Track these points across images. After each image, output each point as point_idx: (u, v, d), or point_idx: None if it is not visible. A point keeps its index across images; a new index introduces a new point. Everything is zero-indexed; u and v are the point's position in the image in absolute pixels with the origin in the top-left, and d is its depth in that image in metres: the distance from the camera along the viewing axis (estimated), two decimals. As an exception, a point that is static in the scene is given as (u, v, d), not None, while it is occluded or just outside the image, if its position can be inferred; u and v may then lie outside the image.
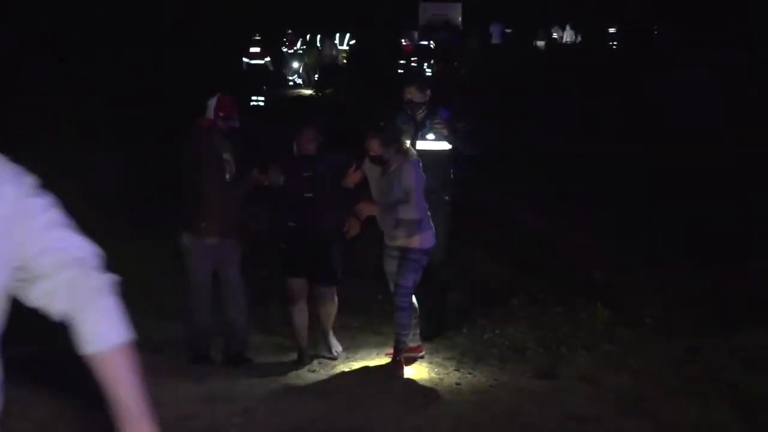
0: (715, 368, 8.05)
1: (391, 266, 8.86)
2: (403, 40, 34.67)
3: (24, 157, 2.78)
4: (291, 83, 33.19)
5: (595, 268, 11.81)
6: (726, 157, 17.77)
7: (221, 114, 8.10)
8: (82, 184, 12.40)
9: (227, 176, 8.39)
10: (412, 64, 30.52)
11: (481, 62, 34.39)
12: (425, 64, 30.95)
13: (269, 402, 7.75)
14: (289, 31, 35.21)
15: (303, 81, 34.06)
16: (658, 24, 47.66)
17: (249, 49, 28.90)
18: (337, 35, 35.45)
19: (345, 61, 35.04)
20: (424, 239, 8.67)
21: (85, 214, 4.72)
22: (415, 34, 36.32)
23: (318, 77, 34.02)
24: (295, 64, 34.12)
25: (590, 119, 22.05)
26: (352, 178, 8.54)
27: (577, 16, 46.35)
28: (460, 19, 38.77)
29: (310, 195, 8.45)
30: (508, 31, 42.75)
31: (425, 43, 34.92)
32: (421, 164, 8.67)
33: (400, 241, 8.69)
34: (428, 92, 9.67)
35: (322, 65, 34.28)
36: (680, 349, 9.22)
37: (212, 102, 8.61)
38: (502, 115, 21.40)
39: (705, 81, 25.94)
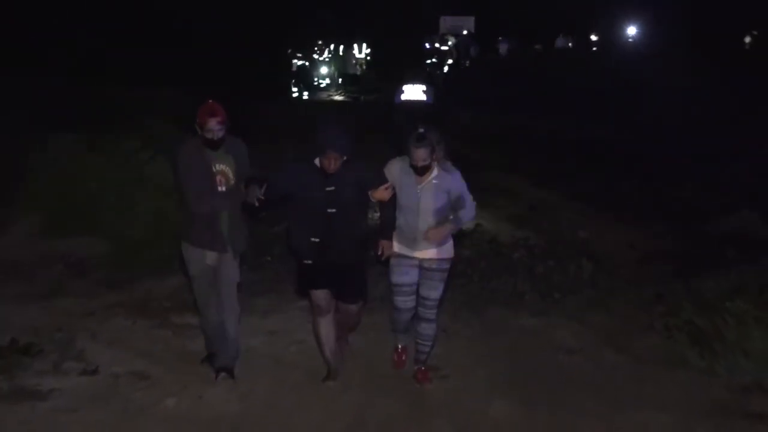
0: (676, 309, 8.00)
1: (409, 276, 6.71)
2: (426, 44, 34.90)
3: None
4: (321, 85, 33.34)
5: (581, 228, 11.77)
6: (689, 140, 17.75)
7: (198, 121, 6.29)
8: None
9: (222, 188, 6.41)
10: (433, 60, 30.52)
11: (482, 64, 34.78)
12: (444, 63, 31.52)
13: None
14: (320, 42, 35.36)
15: (331, 83, 34.28)
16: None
17: (296, 54, 29.96)
18: (356, 46, 35.84)
19: (362, 67, 35.57)
20: (452, 248, 6.84)
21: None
22: (436, 40, 36.60)
23: (341, 81, 34.53)
24: (324, 69, 34.37)
25: (575, 108, 21.94)
26: (383, 195, 6.52)
27: (571, 27, 46.25)
28: (473, 30, 39.10)
29: (332, 210, 6.31)
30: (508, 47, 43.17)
31: (446, 48, 35.35)
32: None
33: (429, 253, 6.67)
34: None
35: (344, 71, 34.93)
36: (649, 294, 9.18)
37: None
38: (499, 105, 21.36)
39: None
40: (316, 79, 33.33)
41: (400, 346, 7.21)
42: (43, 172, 10.35)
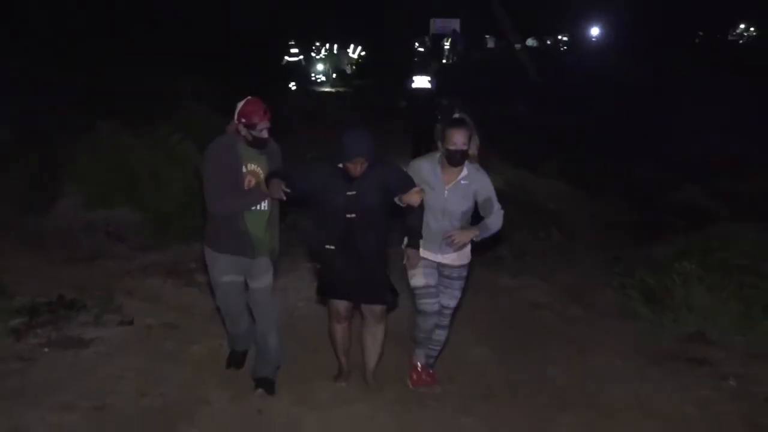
0: (631, 270, 8.01)
1: (433, 278, 5.63)
2: (416, 44, 35.10)
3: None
4: (316, 80, 33.46)
5: (551, 202, 11.80)
6: (644, 126, 17.85)
7: (243, 121, 5.22)
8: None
9: (249, 187, 5.36)
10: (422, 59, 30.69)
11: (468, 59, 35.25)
12: (435, 59, 31.81)
13: None
14: (317, 43, 35.66)
15: (326, 79, 34.44)
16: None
17: (290, 51, 30.02)
18: (352, 46, 36.28)
19: (354, 66, 36.11)
20: (470, 252, 5.78)
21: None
22: (427, 39, 36.92)
23: (335, 76, 34.88)
24: (320, 66, 34.52)
25: (544, 97, 22.00)
26: (415, 199, 5.31)
27: (541, 28, 46.51)
28: (459, 30, 39.34)
29: (352, 215, 5.27)
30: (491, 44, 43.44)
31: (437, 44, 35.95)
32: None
33: (450, 258, 5.64)
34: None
35: (337, 68, 35.41)
36: (608, 257, 9.21)
37: (238, 106, 5.42)
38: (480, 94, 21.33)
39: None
40: (312, 75, 33.49)
41: (419, 365, 5.93)
42: (88, 152, 10.38)
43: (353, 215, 5.26)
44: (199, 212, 8.29)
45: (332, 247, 5.36)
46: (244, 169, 5.31)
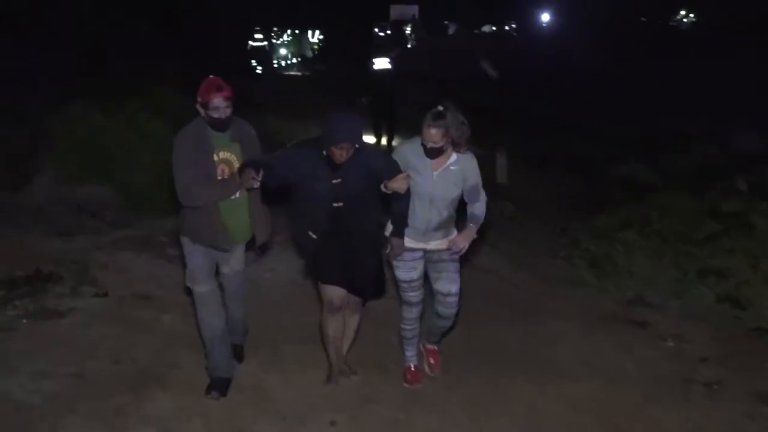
0: (577, 239, 8.09)
1: (417, 271, 5.13)
2: (376, 29, 35.05)
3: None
4: (280, 64, 33.55)
5: (504, 176, 11.90)
6: (590, 106, 18.04)
7: (199, 100, 4.64)
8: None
9: (221, 178, 4.76)
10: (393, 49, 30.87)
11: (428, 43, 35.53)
12: (396, 43, 32.17)
13: (293, 262, 7.11)
14: (275, 29, 35.63)
15: (289, 63, 34.60)
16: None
17: (254, 36, 30.16)
18: (309, 32, 36.47)
19: (314, 50, 36.31)
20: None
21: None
22: (387, 25, 36.91)
23: (298, 60, 35.15)
24: (282, 51, 34.60)
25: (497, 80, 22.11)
26: (401, 185, 4.71)
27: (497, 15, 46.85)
28: (417, 16, 39.60)
29: (339, 204, 4.75)
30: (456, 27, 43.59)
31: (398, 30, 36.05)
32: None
33: (436, 244, 5.09)
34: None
35: (300, 53, 35.63)
36: (555, 227, 9.31)
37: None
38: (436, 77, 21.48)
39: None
40: (275, 60, 33.47)
41: (412, 366, 5.41)
42: (62, 132, 10.29)
43: (340, 204, 4.73)
44: (168, 187, 8.28)
45: (314, 236, 4.84)
46: (215, 158, 4.72)
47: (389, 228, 5.08)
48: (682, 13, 50.22)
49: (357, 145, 4.61)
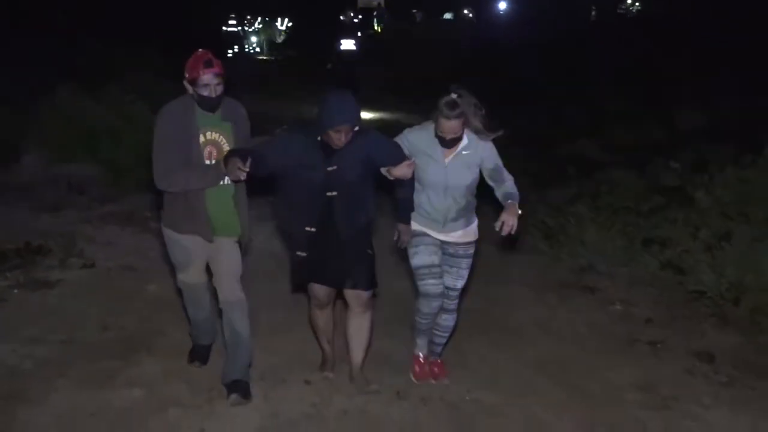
0: (532, 212, 8.11)
1: (437, 256, 4.49)
2: (341, 17, 35.13)
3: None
4: (252, 49, 33.51)
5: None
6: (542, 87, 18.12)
7: (186, 77, 3.99)
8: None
9: (209, 161, 4.07)
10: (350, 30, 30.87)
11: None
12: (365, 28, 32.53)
13: (266, 231, 6.95)
14: (249, 17, 35.57)
15: (260, 48, 34.55)
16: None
17: (228, 22, 30.22)
18: (279, 19, 36.51)
19: (283, 37, 36.27)
20: (477, 229, 4.66)
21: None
22: (351, 14, 37.18)
23: (268, 46, 35.23)
24: (254, 38, 34.52)
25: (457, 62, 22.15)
26: (405, 172, 4.23)
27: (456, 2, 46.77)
28: (383, 4, 39.83)
29: (333, 193, 4.15)
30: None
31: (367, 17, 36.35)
32: None
33: (455, 235, 4.49)
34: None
35: (270, 39, 35.65)
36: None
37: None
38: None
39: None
40: (247, 46, 33.36)
41: (421, 355, 4.84)
42: (50, 113, 10.26)
43: (334, 193, 4.14)
44: (150, 165, 8.24)
45: (312, 230, 4.22)
46: (201, 138, 4.06)
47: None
48: (629, 1, 50.41)
49: (356, 128, 4.06)
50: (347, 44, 15.84)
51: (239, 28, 31.65)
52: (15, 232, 6.92)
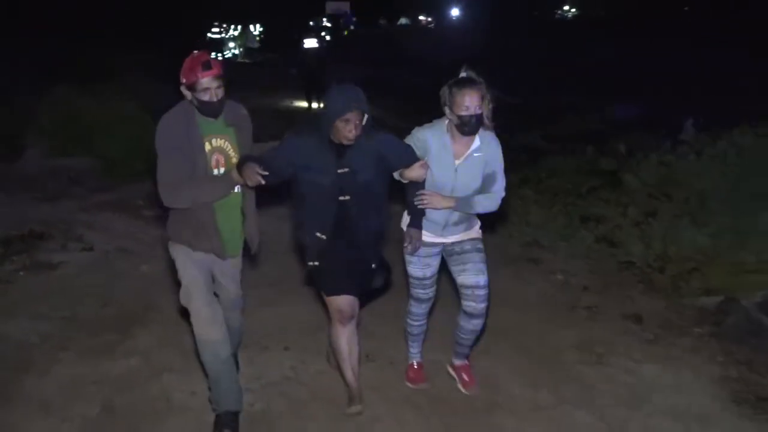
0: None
1: (433, 268, 3.95)
2: (311, 23, 35.09)
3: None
4: (229, 55, 33.35)
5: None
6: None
7: (184, 82, 3.35)
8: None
9: (217, 171, 3.48)
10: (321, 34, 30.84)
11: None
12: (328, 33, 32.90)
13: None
14: (224, 25, 35.51)
15: (238, 53, 34.45)
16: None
17: (212, 30, 30.24)
18: (251, 26, 36.59)
19: (258, 42, 36.36)
20: (479, 230, 4.04)
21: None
22: (322, 20, 37.29)
23: (244, 51, 35.28)
24: (231, 43, 34.36)
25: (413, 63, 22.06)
26: (420, 174, 3.63)
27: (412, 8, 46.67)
28: (349, 10, 40.12)
29: (346, 198, 3.57)
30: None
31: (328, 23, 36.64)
32: None
33: (457, 237, 3.89)
34: None
35: (245, 45, 35.70)
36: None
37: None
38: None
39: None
40: (225, 51, 33.15)
41: (416, 363, 4.28)
42: (50, 110, 10.14)
43: (347, 197, 3.55)
44: (140, 157, 8.21)
45: (323, 237, 3.61)
46: (207, 146, 3.41)
47: (405, 220, 3.89)
48: (566, 7, 50.61)
49: (365, 115, 3.46)
50: (310, 43, 16.46)
51: (222, 34, 31.37)
52: (18, 220, 6.82)
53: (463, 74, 3.64)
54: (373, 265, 3.76)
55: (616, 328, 5.28)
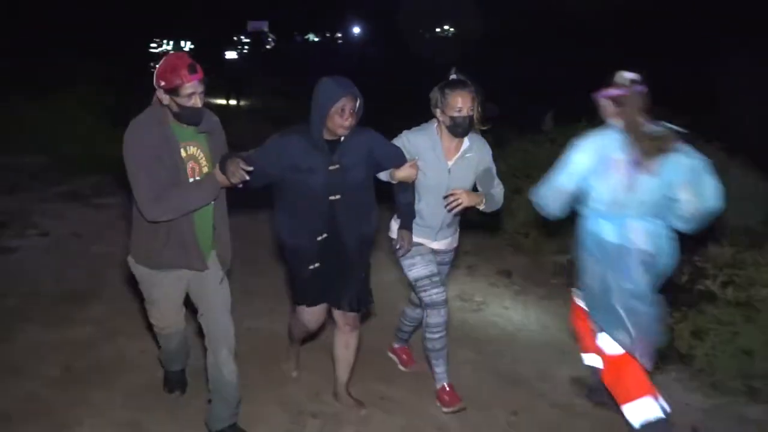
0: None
1: (434, 264, 3.31)
2: (235, 38, 34.47)
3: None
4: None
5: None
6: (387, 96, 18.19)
7: (162, 84, 2.55)
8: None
9: (192, 180, 2.71)
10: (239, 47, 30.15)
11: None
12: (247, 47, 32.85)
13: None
14: (156, 40, 34.46)
15: None
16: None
17: (151, 45, 29.58)
18: (182, 42, 36.03)
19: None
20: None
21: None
22: (243, 37, 36.85)
23: None
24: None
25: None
26: (410, 174, 3.04)
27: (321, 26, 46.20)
28: (267, 29, 39.95)
29: (337, 197, 2.89)
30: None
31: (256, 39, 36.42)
32: None
33: (445, 243, 3.41)
34: None
35: None
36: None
37: (157, 68, 2.63)
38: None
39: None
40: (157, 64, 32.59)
41: (446, 384, 3.40)
42: (7, 118, 9.53)
43: (337, 197, 2.90)
44: (88, 152, 7.89)
45: (322, 237, 2.96)
46: (182, 153, 2.70)
47: (394, 228, 3.34)
48: (446, 27, 51.03)
49: (358, 101, 2.83)
50: (231, 54, 17.60)
51: (160, 48, 30.14)
52: (-22, 211, 6.41)
53: (453, 76, 3.17)
54: (351, 277, 3.06)
55: (490, 282, 5.47)
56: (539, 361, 4.07)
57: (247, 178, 2.61)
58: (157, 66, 2.64)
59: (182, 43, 35.31)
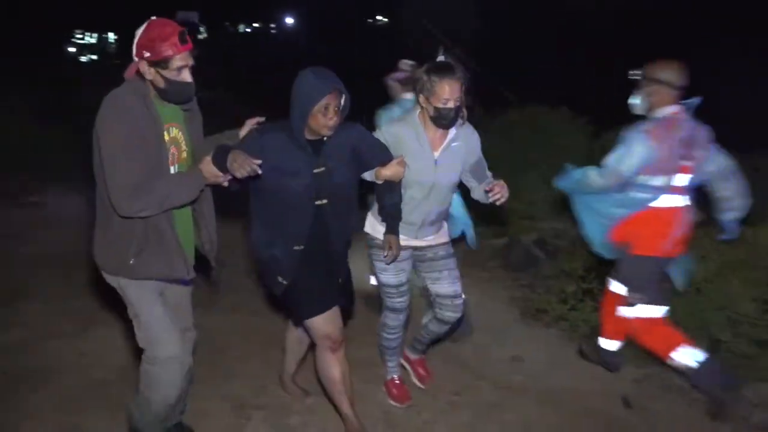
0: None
1: (406, 273, 3.09)
2: None
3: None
4: (86, 60, 31.68)
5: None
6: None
7: (147, 55, 2.10)
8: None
9: (173, 168, 2.26)
10: None
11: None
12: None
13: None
14: (80, 32, 33.55)
15: (97, 57, 32.87)
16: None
17: (74, 35, 28.74)
18: (110, 34, 35.36)
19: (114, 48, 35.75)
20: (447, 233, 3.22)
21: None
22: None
23: (100, 57, 34.02)
24: (85, 50, 32.73)
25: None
26: (398, 172, 2.70)
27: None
28: (197, 20, 39.21)
29: (323, 201, 2.53)
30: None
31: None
32: None
33: (429, 240, 3.07)
34: None
35: (104, 50, 34.47)
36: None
37: (137, 35, 2.16)
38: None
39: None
40: (86, 56, 31.46)
41: (396, 377, 3.41)
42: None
43: (324, 201, 2.58)
44: (15, 152, 7.53)
45: (299, 248, 2.62)
46: (165, 136, 2.28)
47: (372, 223, 3.09)
48: (379, 17, 50.85)
49: (344, 96, 2.49)
50: None
51: (85, 40, 29.32)
52: None
53: (440, 58, 2.81)
54: (340, 280, 2.82)
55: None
56: (479, 343, 4.17)
57: (260, 171, 2.28)
58: (137, 33, 2.23)
59: (107, 35, 34.37)
